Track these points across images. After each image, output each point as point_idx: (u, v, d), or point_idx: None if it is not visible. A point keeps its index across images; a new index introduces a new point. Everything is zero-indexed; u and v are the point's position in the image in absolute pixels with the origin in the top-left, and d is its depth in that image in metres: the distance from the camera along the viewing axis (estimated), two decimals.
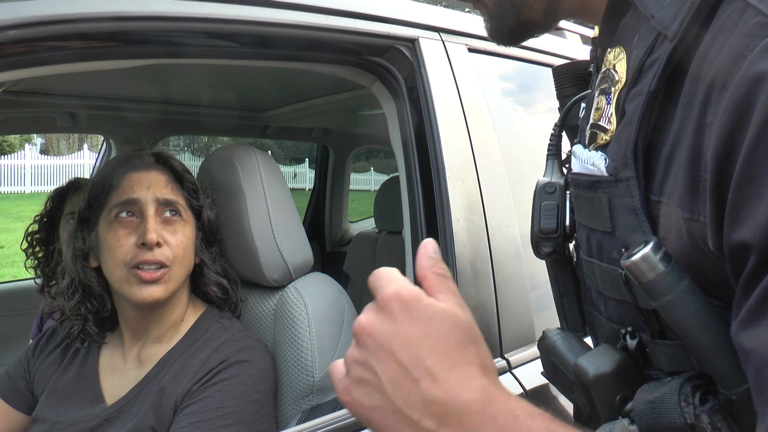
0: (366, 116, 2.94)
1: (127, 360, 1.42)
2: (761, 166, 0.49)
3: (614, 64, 0.70)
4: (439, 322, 0.60)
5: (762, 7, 0.51)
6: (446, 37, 1.50)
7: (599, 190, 0.70)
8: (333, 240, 3.93)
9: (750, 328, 0.50)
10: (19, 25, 0.87)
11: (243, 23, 1.18)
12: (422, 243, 0.67)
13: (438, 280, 0.64)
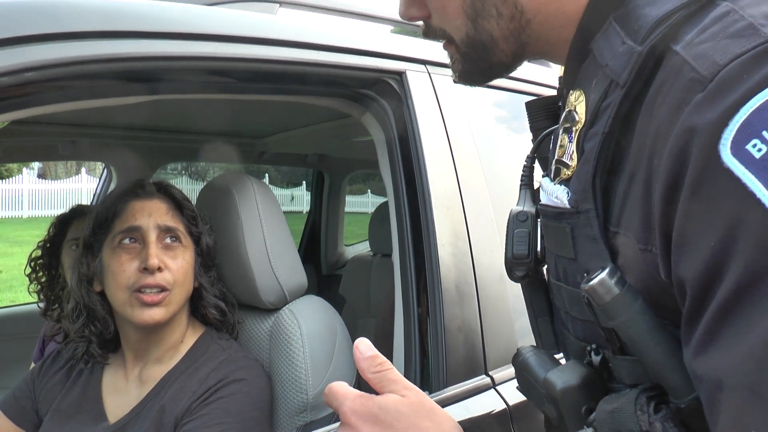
0: (360, 143, 2.99)
1: (129, 380, 1.47)
2: (697, 216, 0.54)
3: (575, 106, 0.75)
4: (387, 417, 0.73)
5: (696, 65, 0.56)
6: (432, 70, 1.55)
7: (563, 220, 0.75)
8: (328, 263, 3.96)
9: (700, 356, 0.54)
10: (34, 68, 0.94)
11: (239, 61, 1.23)
12: (355, 344, 0.80)
13: (377, 377, 0.77)
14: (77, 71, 1.01)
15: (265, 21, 1.35)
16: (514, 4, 0.77)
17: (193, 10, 1.26)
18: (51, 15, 1.00)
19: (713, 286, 0.53)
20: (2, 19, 0.95)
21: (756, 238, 0.50)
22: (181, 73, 1.18)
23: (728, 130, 0.52)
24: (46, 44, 0.97)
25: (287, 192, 21.99)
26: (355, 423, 0.74)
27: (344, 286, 3.52)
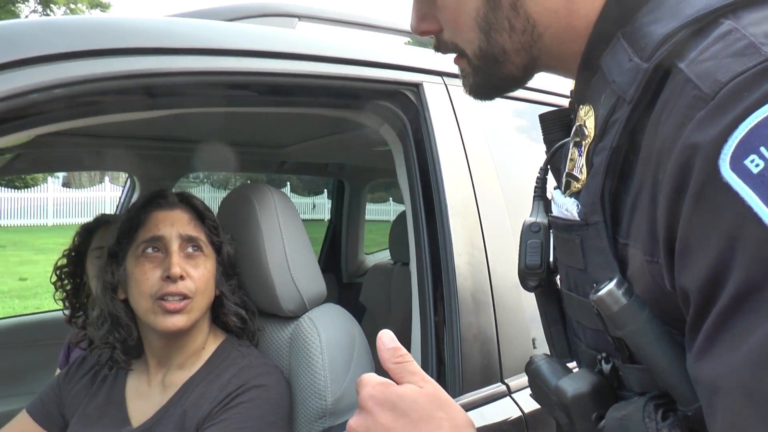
0: (379, 152, 3.00)
1: (152, 385, 1.50)
2: (698, 228, 0.55)
3: (585, 120, 0.76)
4: (404, 404, 0.76)
5: (699, 83, 0.57)
6: (449, 81, 1.57)
7: (573, 232, 0.76)
8: (349, 271, 3.98)
9: (700, 361, 0.56)
10: (62, 85, 0.97)
11: (259, 75, 1.26)
12: (378, 336, 0.83)
13: (399, 368, 0.81)
14: (104, 87, 1.04)
15: (285, 35, 1.38)
16: (527, 17, 0.78)
17: (214, 26, 1.30)
18: (79, 33, 1.04)
19: (714, 296, 0.54)
20: (33, 39, 0.99)
21: (753, 250, 0.51)
22: (202, 88, 1.21)
23: (727, 145, 0.53)
24: (75, 61, 1.00)
25: (308, 200, 22.05)
26: (371, 408, 0.77)
27: (365, 294, 3.54)
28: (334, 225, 4.05)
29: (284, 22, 1.52)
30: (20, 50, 0.96)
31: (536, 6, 0.77)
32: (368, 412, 0.78)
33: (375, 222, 9.88)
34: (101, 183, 24.69)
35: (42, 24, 1.06)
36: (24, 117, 0.99)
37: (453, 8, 0.83)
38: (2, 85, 0.93)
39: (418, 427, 0.75)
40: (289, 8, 1.57)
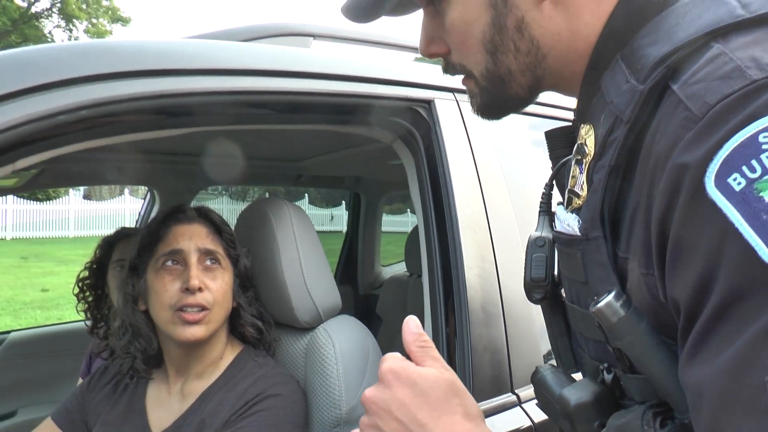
0: (394, 165, 3.01)
1: (172, 394, 1.54)
2: (685, 242, 0.58)
3: (585, 139, 0.80)
4: (424, 384, 0.79)
5: (689, 104, 0.60)
6: (460, 97, 1.60)
7: (575, 247, 0.79)
8: (366, 283, 3.99)
9: (687, 367, 0.59)
10: (87, 106, 1.02)
11: (276, 94, 1.30)
12: (405, 321, 0.87)
13: (421, 351, 0.84)
14: (126, 108, 1.09)
15: (299, 55, 1.42)
16: (531, 39, 0.81)
17: (230, 47, 1.33)
18: (102, 57, 1.09)
19: (700, 306, 0.57)
20: (58, 63, 1.03)
21: (735, 263, 0.54)
22: (220, 107, 1.25)
23: (713, 164, 0.56)
24: (98, 84, 1.05)
25: (327, 212, 22.08)
26: (391, 381, 0.80)
27: (381, 305, 3.56)
28: (350, 237, 4.07)
29: (299, 42, 1.56)
30: (47, 74, 1.01)
31: (540, 28, 0.81)
32: (387, 384, 0.80)
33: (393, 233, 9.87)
34: (121, 195, 24.91)
35: (67, 48, 1.11)
36: (51, 137, 1.03)
37: (461, 31, 0.86)
38: (31, 107, 0.98)
39: (434, 408, 0.78)
40: (304, 28, 1.61)
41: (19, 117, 0.96)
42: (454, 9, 0.85)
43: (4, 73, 0.99)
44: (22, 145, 1.00)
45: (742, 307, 0.54)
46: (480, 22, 0.83)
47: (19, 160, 1.03)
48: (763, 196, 0.54)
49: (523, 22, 0.81)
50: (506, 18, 0.81)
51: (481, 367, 1.38)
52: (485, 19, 0.82)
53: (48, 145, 1.05)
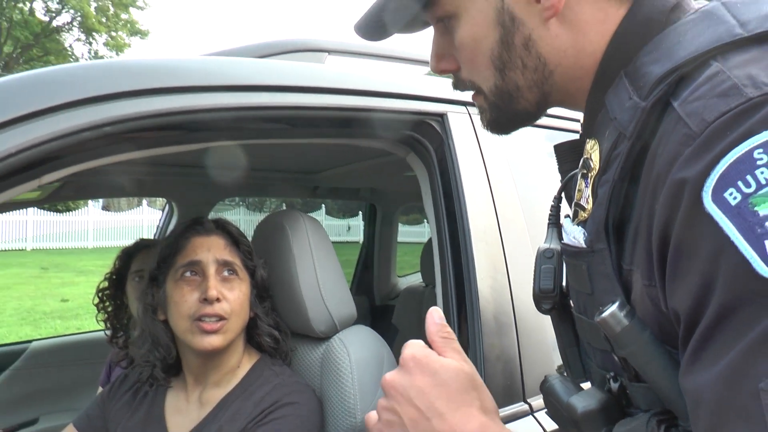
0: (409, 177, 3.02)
1: (190, 402, 1.57)
2: (684, 254, 0.60)
3: (591, 154, 0.81)
4: (445, 374, 0.81)
5: (689, 121, 0.62)
6: (472, 110, 1.61)
7: (580, 258, 0.81)
8: (382, 294, 4.01)
9: (686, 375, 0.61)
10: (111, 123, 1.06)
11: (291, 109, 1.33)
12: (429, 311, 0.89)
13: (444, 342, 0.86)
14: (147, 124, 1.12)
15: (314, 70, 1.45)
16: (538, 56, 0.84)
17: (247, 63, 1.37)
18: (124, 75, 1.13)
19: (699, 315, 0.59)
20: (82, 82, 1.07)
21: (731, 275, 0.56)
22: (238, 122, 1.28)
23: (710, 179, 0.58)
24: (121, 101, 1.09)
25: (344, 222, 22.11)
26: (412, 368, 0.82)
27: (397, 316, 3.57)
28: (366, 248, 4.09)
29: (315, 57, 1.59)
30: (72, 93, 1.05)
31: (546, 46, 0.83)
32: (408, 371, 0.83)
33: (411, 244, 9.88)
34: (139, 206, 25.11)
35: (90, 67, 1.15)
36: (76, 153, 1.07)
37: (470, 48, 0.88)
38: (56, 125, 1.02)
39: (452, 398, 0.80)
40: (319, 44, 1.65)
41: (46, 134, 1.00)
42: (463, 27, 0.87)
43: (32, 93, 1.03)
44: (48, 161, 1.04)
45: (738, 317, 0.56)
46: (489, 40, 0.85)
47: (45, 175, 1.07)
48: (758, 210, 0.56)
49: (531, 39, 0.83)
50: (514, 35, 0.84)
51: (493, 376, 1.40)
52: (494, 36, 0.85)
53: (72, 161, 1.09)
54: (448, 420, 0.79)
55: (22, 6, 28.16)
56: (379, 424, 0.85)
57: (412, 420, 0.80)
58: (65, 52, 30.68)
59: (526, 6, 0.82)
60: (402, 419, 0.81)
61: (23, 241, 20.84)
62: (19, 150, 0.98)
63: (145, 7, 31.62)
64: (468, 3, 0.86)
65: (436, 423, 0.79)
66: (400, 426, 0.81)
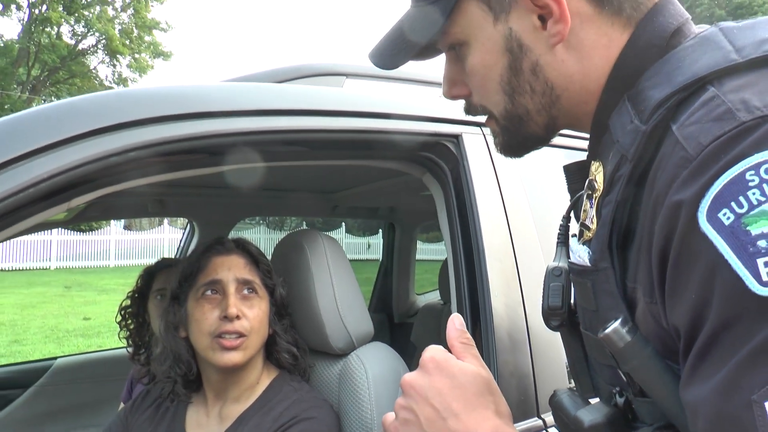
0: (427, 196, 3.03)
1: (210, 417, 1.60)
2: (681, 272, 0.63)
3: (595, 175, 0.84)
4: (462, 377, 0.85)
5: (685, 144, 0.65)
6: (487, 131, 1.58)
7: (585, 276, 0.84)
8: (400, 311, 4.03)
9: (685, 388, 0.64)
10: (137, 148, 1.11)
11: (310, 132, 1.37)
12: (450, 317, 0.92)
13: (463, 347, 0.90)
14: (172, 149, 1.17)
15: (333, 94, 1.49)
16: (545, 81, 0.87)
17: (267, 88, 1.41)
18: (149, 103, 1.18)
19: (697, 332, 0.62)
20: (110, 110, 1.13)
21: (725, 292, 0.59)
22: (259, 146, 1.32)
23: (704, 200, 0.61)
24: (146, 127, 1.14)
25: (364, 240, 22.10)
26: (431, 370, 0.86)
27: (416, 333, 3.58)
28: (385, 266, 4.11)
29: (333, 81, 1.64)
30: (100, 120, 1.10)
31: (553, 71, 0.86)
32: (427, 372, 0.87)
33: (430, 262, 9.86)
34: (160, 226, 25.26)
35: (117, 96, 1.20)
36: (103, 177, 1.12)
37: (480, 74, 0.92)
38: (86, 151, 1.07)
39: (469, 400, 0.84)
40: (337, 68, 1.69)
41: (76, 160, 1.05)
42: (473, 54, 0.91)
43: (62, 121, 1.08)
44: (78, 185, 1.09)
45: (733, 333, 0.58)
46: (498, 66, 0.89)
47: (74, 199, 1.12)
48: (750, 230, 0.58)
49: (538, 65, 0.86)
50: (522, 62, 0.87)
51: (507, 392, 1.41)
52: (502, 63, 0.88)
53: (101, 184, 1.13)
54: (464, 421, 0.82)
55: (49, 30, 28.68)
56: (395, 422, 0.88)
57: (428, 419, 0.84)
58: (90, 74, 31.16)
59: (533, 33, 0.85)
60: (419, 418, 0.85)
61: (47, 260, 21.05)
62: (51, 175, 1.03)
63: (169, 29, 32.07)
64: (477, 31, 0.89)
65: (452, 423, 0.82)
66: (417, 425, 0.85)
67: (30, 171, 1.02)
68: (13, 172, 1.01)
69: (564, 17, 0.82)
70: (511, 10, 0.85)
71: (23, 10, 28.75)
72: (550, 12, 0.82)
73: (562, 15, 0.82)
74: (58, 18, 28.20)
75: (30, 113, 1.10)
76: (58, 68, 29.72)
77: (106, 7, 30.38)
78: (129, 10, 31.03)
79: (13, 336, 9.53)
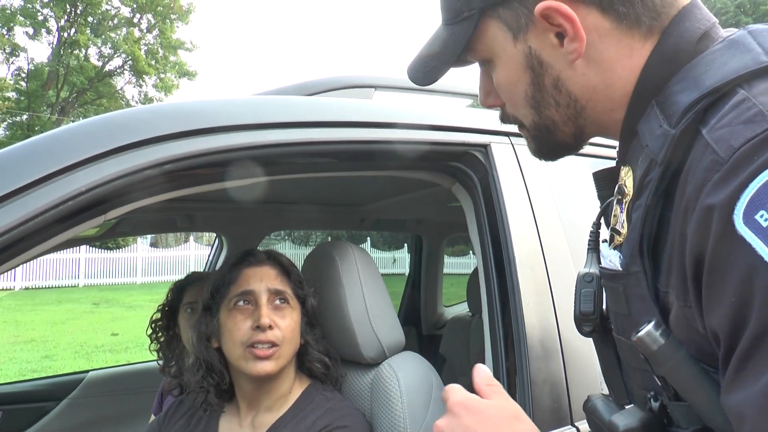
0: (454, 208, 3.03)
1: (243, 426, 1.61)
2: (718, 276, 0.63)
3: (625, 180, 0.85)
4: (489, 411, 0.90)
5: (716, 147, 0.66)
6: (515, 140, 1.64)
7: (617, 281, 0.85)
8: (429, 323, 4.03)
9: (729, 393, 0.63)
10: (171, 161, 1.13)
11: (340, 143, 1.39)
12: (475, 367, 0.98)
13: (489, 389, 0.94)
14: (205, 161, 1.19)
15: (362, 106, 1.51)
16: (568, 94, 0.89)
17: (297, 101, 1.43)
18: (182, 117, 1.21)
19: (738, 336, 0.62)
20: (145, 124, 1.15)
21: (766, 295, 0.59)
22: (289, 157, 1.34)
23: (740, 203, 0.61)
24: (180, 141, 1.17)
25: (389, 255, 22.05)
26: (459, 412, 0.90)
27: (444, 345, 3.58)
28: (413, 279, 4.11)
29: (362, 93, 1.65)
30: (136, 134, 1.13)
31: (575, 84, 0.88)
32: (455, 414, 0.90)
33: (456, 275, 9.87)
34: (186, 242, 25.48)
35: (150, 111, 1.23)
36: (139, 190, 1.15)
37: (506, 90, 0.95)
38: (122, 164, 1.09)
39: (498, 428, 0.88)
40: (366, 80, 1.71)
41: (113, 173, 1.08)
42: (498, 71, 0.94)
43: (99, 136, 1.11)
44: (114, 198, 1.12)
45: None
46: (522, 82, 0.91)
47: (110, 211, 1.14)
48: None
49: (559, 80, 0.88)
50: (544, 78, 0.89)
51: (540, 400, 1.41)
52: (526, 79, 0.91)
53: (136, 197, 1.16)
54: None
55: (78, 53, 29.19)
56: None
57: None
58: (117, 94, 31.63)
59: (551, 51, 0.87)
60: None
61: (76, 278, 21.30)
62: (89, 188, 1.06)
63: (193, 48, 32.46)
64: (499, 49, 0.91)
65: None
66: None
67: (71, 184, 1.04)
68: (55, 185, 1.03)
69: (579, 36, 0.83)
70: (529, 29, 0.87)
71: (53, 34, 29.35)
72: (565, 30, 0.84)
73: (577, 34, 0.83)
74: (85, 41, 28.73)
75: (69, 129, 1.13)
76: (86, 89, 30.21)
77: (132, 28, 30.90)
78: (154, 31, 31.52)
79: (44, 352, 9.65)
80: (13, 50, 28.79)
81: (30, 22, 28.39)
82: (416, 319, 4.02)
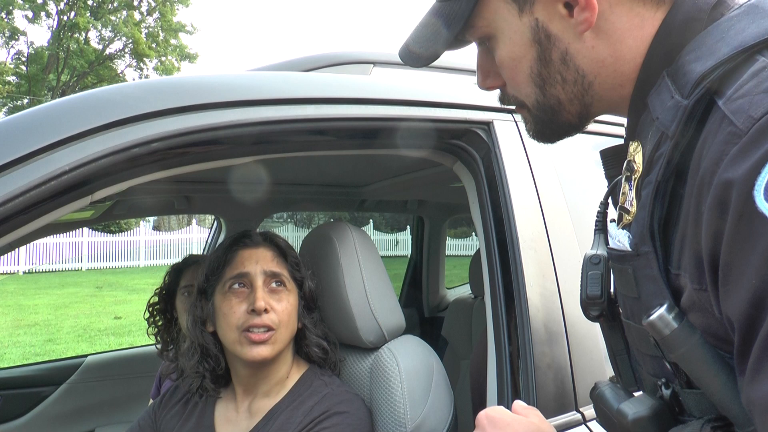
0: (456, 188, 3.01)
1: (240, 412, 1.58)
2: (738, 257, 0.59)
3: (634, 156, 0.81)
4: (517, 426, 0.89)
5: (734, 119, 0.61)
6: (519, 118, 1.58)
7: (626, 262, 0.81)
8: (431, 306, 4.01)
9: (750, 384, 0.59)
10: (159, 139, 1.09)
11: (338, 120, 1.34)
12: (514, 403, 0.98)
13: (523, 408, 0.96)
14: (195, 139, 1.15)
15: (360, 82, 1.46)
16: (576, 69, 0.85)
17: (293, 77, 1.38)
18: (172, 92, 1.16)
19: (757, 320, 0.58)
20: (133, 100, 1.11)
21: None
22: (285, 135, 1.30)
23: (761, 177, 0.57)
24: (169, 117, 1.12)
25: (392, 237, 22.12)
26: (485, 425, 0.90)
27: (446, 328, 3.55)
28: (415, 261, 4.09)
29: (360, 69, 1.61)
30: (123, 111, 1.08)
31: (584, 58, 0.84)
32: (482, 428, 0.91)
33: (458, 257, 9.91)
34: (188, 225, 25.55)
35: (139, 86, 1.18)
36: (126, 170, 1.10)
37: (510, 67, 0.90)
38: (108, 142, 1.05)
39: None
40: (364, 56, 1.66)
41: (98, 151, 1.04)
42: (501, 47, 0.89)
43: (84, 112, 1.06)
44: (100, 178, 1.07)
45: None
46: (527, 58, 0.87)
47: (96, 192, 1.10)
48: None
49: (567, 53, 0.84)
50: (551, 52, 0.85)
51: (544, 385, 1.38)
52: (531, 54, 0.86)
53: (123, 177, 1.11)
54: None
55: (78, 36, 29.11)
56: None
57: None
58: (118, 78, 31.62)
59: (560, 22, 0.83)
60: None
61: (79, 261, 21.37)
62: (73, 168, 1.01)
63: (194, 31, 32.38)
64: (503, 24, 0.87)
65: None
66: None
67: (52, 163, 1.00)
68: (35, 165, 0.99)
69: (590, 4, 0.79)
70: (536, 1, 0.83)
71: (52, 17, 29.26)
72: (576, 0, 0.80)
73: (588, 2, 0.79)
74: (85, 23, 28.66)
75: (52, 105, 1.09)
76: (87, 73, 30.18)
77: (132, 11, 30.81)
78: (155, 13, 31.46)
79: (47, 335, 9.69)
80: (12, 34, 28.76)
81: (29, 5, 28.37)
82: (418, 302, 4.00)
